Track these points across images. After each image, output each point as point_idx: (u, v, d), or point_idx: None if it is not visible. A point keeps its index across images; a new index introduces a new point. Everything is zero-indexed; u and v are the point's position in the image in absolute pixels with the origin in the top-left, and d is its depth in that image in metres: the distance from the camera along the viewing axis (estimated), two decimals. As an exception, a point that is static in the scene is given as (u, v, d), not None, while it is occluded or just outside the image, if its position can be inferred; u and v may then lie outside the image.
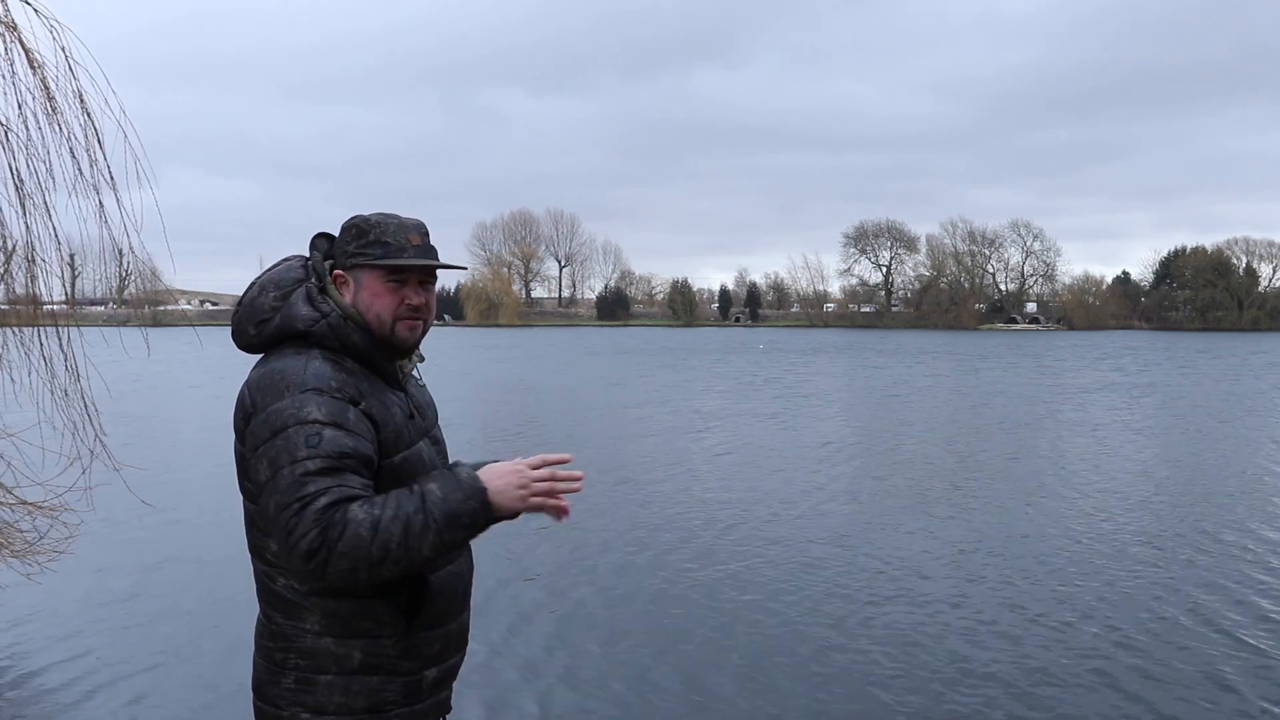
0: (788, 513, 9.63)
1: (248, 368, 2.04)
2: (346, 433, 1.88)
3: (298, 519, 1.78)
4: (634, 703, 5.04)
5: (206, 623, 6.17)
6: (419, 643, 2.00)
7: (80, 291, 43.52)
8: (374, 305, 2.04)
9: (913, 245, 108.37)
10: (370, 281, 2.04)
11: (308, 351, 1.97)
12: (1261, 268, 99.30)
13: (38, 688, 5.15)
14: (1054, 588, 7.05)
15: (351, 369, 1.98)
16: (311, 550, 1.77)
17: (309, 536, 1.77)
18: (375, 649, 1.95)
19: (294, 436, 1.84)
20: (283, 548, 1.82)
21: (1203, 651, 5.74)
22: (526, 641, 5.91)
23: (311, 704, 1.94)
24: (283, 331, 2.00)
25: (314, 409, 1.87)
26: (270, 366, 1.96)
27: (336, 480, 1.83)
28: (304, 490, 1.80)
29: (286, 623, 1.96)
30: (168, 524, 8.87)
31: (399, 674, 1.98)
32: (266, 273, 2.10)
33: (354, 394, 1.94)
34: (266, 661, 1.99)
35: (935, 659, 5.63)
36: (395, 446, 1.99)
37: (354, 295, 2.05)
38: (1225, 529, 8.91)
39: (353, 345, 2.01)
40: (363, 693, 1.94)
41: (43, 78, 3.93)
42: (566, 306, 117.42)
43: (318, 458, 1.83)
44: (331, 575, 1.79)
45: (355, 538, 1.78)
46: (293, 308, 2.00)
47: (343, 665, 1.93)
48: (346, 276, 2.06)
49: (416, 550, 1.82)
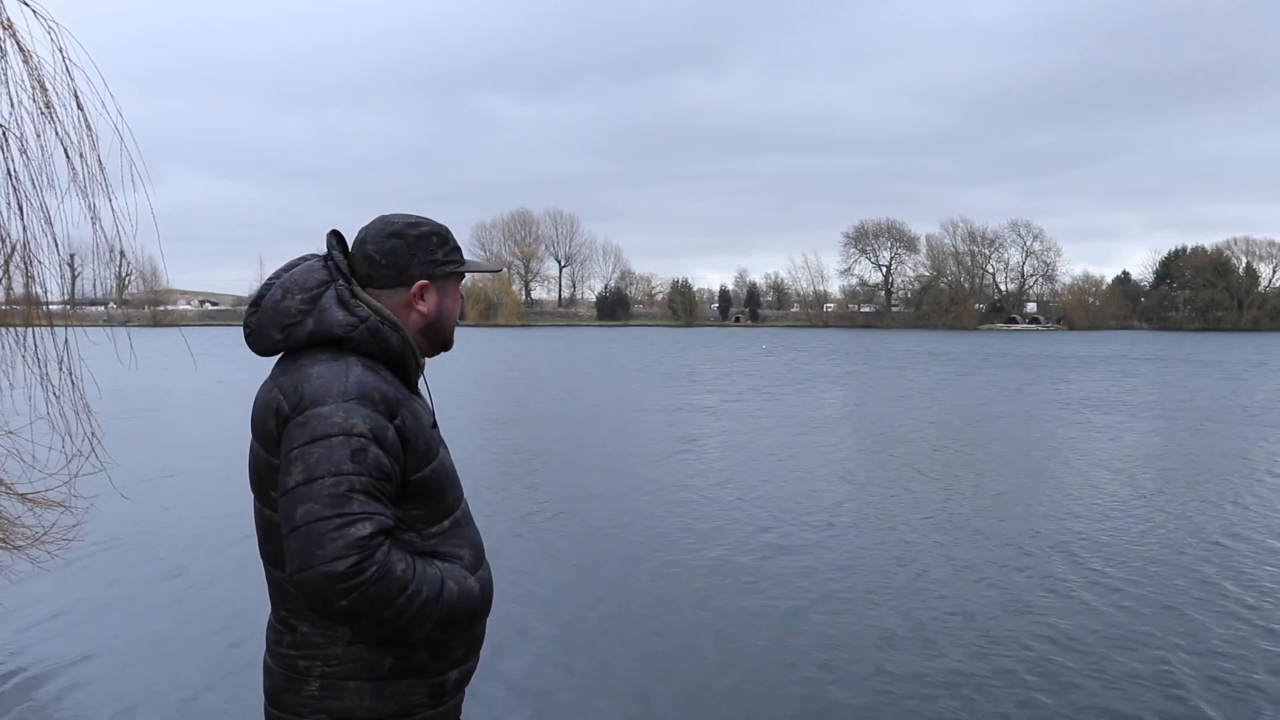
0: (788, 514, 9.62)
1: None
2: (385, 452, 1.84)
3: (337, 535, 1.74)
4: (635, 704, 5.03)
5: (207, 624, 6.16)
6: (448, 645, 1.98)
7: (80, 292, 43.54)
8: (454, 309, 2.11)
9: (913, 245, 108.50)
10: (453, 289, 2.10)
11: (344, 358, 1.91)
12: (1261, 268, 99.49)
13: (36, 687, 5.14)
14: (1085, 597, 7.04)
15: (386, 377, 1.94)
16: (344, 575, 1.73)
17: (347, 560, 1.73)
18: (407, 653, 1.92)
19: (339, 447, 1.79)
20: (304, 559, 1.75)
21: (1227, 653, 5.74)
22: (528, 645, 5.89)
23: (338, 710, 1.89)
24: (317, 336, 1.93)
25: (360, 421, 1.82)
26: (307, 371, 1.89)
27: (379, 506, 1.80)
28: (347, 508, 1.76)
29: (314, 631, 1.90)
30: (167, 524, 8.85)
31: (427, 676, 1.96)
32: (286, 274, 2.01)
33: (394, 406, 1.90)
34: (286, 669, 1.94)
35: (936, 667, 5.62)
36: (425, 459, 1.96)
37: (439, 302, 2.06)
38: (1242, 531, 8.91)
39: (390, 351, 1.96)
40: (393, 696, 1.91)
41: (39, 77, 3.92)
42: (566, 306, 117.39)
43: (364, 475, 1.79)
44: (340, 608, 1.76)
45: (385, 590, 1.77)
46: (327, 312, 1.93)
47: (373, 670, 1.90)
48: (432, 285, 2.05)
49: (412, 631, 1.86)
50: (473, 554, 2.05)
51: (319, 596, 1.75)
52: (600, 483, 11.32)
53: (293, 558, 1.77)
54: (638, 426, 17.11)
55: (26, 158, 4.07)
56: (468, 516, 2.11)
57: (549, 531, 8.78)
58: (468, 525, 2.09)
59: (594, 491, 10.72)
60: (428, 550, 1.95)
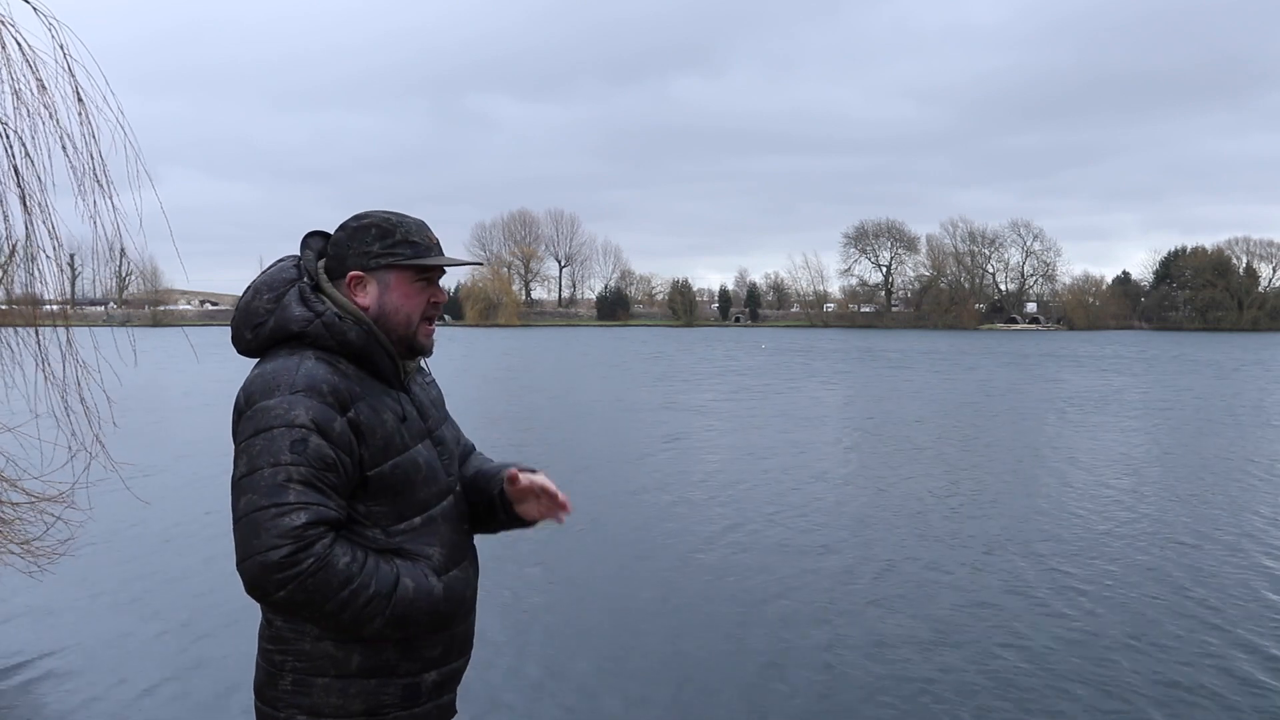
0: (787, 515, 9.63)
1: (248, 366, 2.02)
2: (330, 443, 1.84)
3: (272, 525, 1.76)
4: (636, 705, 5.03)
5: (208, 624, 6.17)
6: (420, 645, 1.97)
7: (80, 291, 43.54)
8: (404, 306, 2.03)
9: (913, 245, 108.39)
10: (400, 282, 2.03)
11: (301, 352, 1.93)
12: (1261, 268, 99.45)
13: (37, 685, 5.14)
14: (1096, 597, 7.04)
15: (346, 370, 1.94)
16: (278, 564, 1.75)
17: (281, 550, 1.75)
18: (375, 651, 1.92)
19: (279, 438, 1.81)
20: (243, 549, 1.78)
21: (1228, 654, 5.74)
22: (529, 646, 5.90)
23: (308, 706, 1.91)
24: (278, 334, 1.96)
25: (302, 412, 1.83)
26: (264, 368, 1.93)
27: (318, 496, 1.81)
28: (284, 497, 1.78)
29: (285, 626, 1.92)
30: (167, 524, 8.86)
31: (398, 676, 1.94)
32: (261, 275, 2.05)
33: (345, 399, 1.90)
34: (266, 663, 1.96)
35: (934, 670, 5.62)
36: (385, 454, 1.94)
37: (379, 296, 2.02)
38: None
39: (349, 344, 1.96)
40: (360, 695, 1.91)
41: (39, 75, 3.93)
42: (566, 306, 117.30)
43: (302, 465, 1.80)
44: (279, 599, 1.78)
45: (325, 583, 1.78)
46: (286, 309, 1.96)
47: (341, 668, 1.90)
48: (368, 278, 2.02)
49: (360, 627, 1.85)
50: (445, 554, 2.01)
51: (256, 586, 1.78)
52: (586, 480, 11.32)
53: (237, 548, 1.80)
54: (626, 425, 17.12)
55: (27, 156, 4.07)
56: (450, 515, 2.06)
57: (551, 535, 8.78)
58: (446, 524, 2.04)
59: (596, 496, 10.72)
60: (391, 547, 1.93)
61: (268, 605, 1.84)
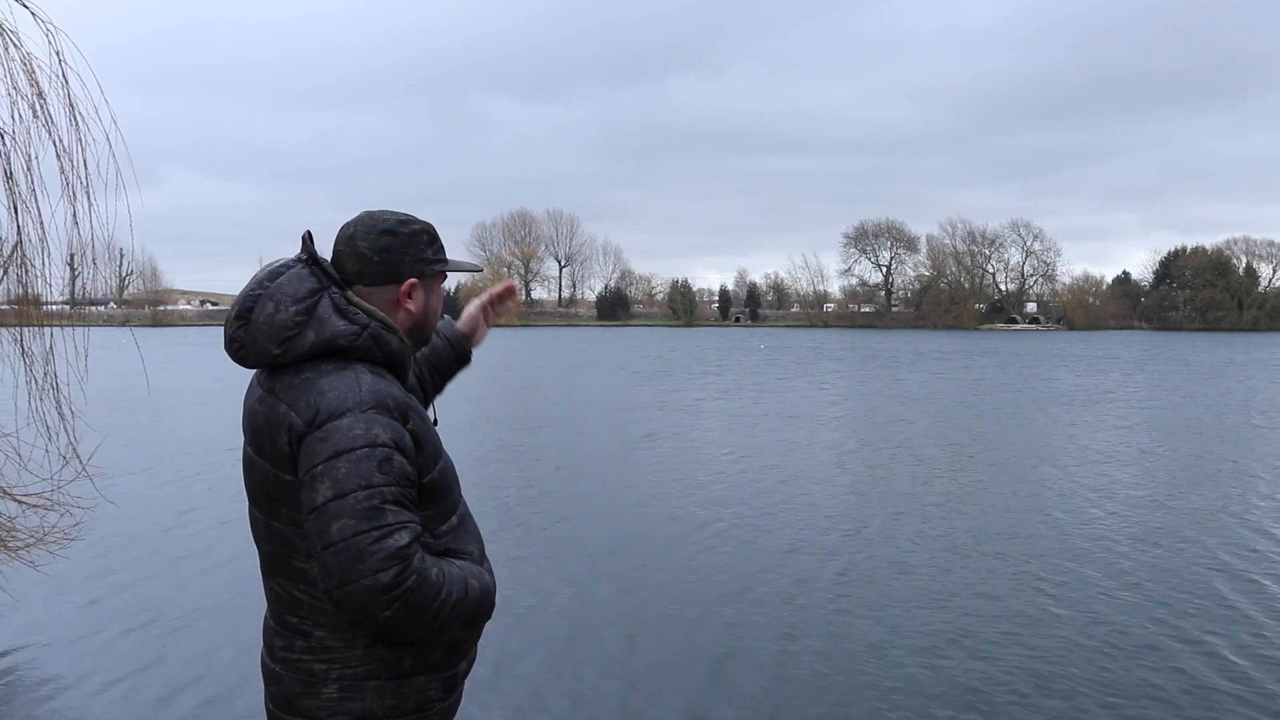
0: (790, 517, 9.63)
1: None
2: (406, 459, 1.85)
3: (377, 548, 1.75)
4: (637, 707, 5.04)
5: (208, 624, 6.17)
6: (460, 639, 2.01)
7: (79, 291, 43.45)
8: (437, 311, 2.10)
9: (913, 245, 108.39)
10: (438, 287, 2.10)
11: (351, 366, 1.89)
12: (1261, 268, 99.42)
13: (36, 685, 5.15)
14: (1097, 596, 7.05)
15: (392, 381, 1.94)
16: (388, 586, 1.75)
17: (390, 571, 1.75)
18: (425, 650, 1.94)
19: (365, 459, 1.78)
20: (344, 575, 1.75)
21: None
22: (528, 643, 5.90)
23: (358, 711, 1.89)
24: (320, 347, 1.88)
25: (381, 430, 1.81)
26: (318, 384, 1.86)
27: (409, 514, 1.82)
28: (382, 520, 1.76)
29: (331, 635, 1.90)
30: (168, 524, 8.86)
31: (441, 670, 1.98)
32: (272, 283, 1.92)
33: (405, 411, 1.89)
34: (299, 675, 1.92)
35: (933, 672, 5.63)
36: (434, 460, 1.97)
37: (425, 302, 2.05)
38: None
39: (392, 355, 1.96)
40: (412, 694, 1.93)
41: (36, 81, 3.93)
42: (566, 306, 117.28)
43: (392, 485, 1.80)
44: (384, 618, 1.78)
45: (424, 597, 1.80)
46: (326, 323, 1.89)
47: (393, 669, 1.91)
48: (419, 284, 2.04)
49: (443, 632, 1.90)
50: (478, 547, 2.09)
51: (363, 610, 1.76)
52: (579, 480, 11.33)
53: (330, 574, 1.76)
54: (613, 424, 17.11)
55: (24, 160, 4.08)
56: (468, 510, 2.13)
57: (552, 534, 8.79)
58: (470, 519, 2.12)
59: (598, 497, 10.73)
60: (441, 549, 1.97)
61: (370, 625, 1.81)
